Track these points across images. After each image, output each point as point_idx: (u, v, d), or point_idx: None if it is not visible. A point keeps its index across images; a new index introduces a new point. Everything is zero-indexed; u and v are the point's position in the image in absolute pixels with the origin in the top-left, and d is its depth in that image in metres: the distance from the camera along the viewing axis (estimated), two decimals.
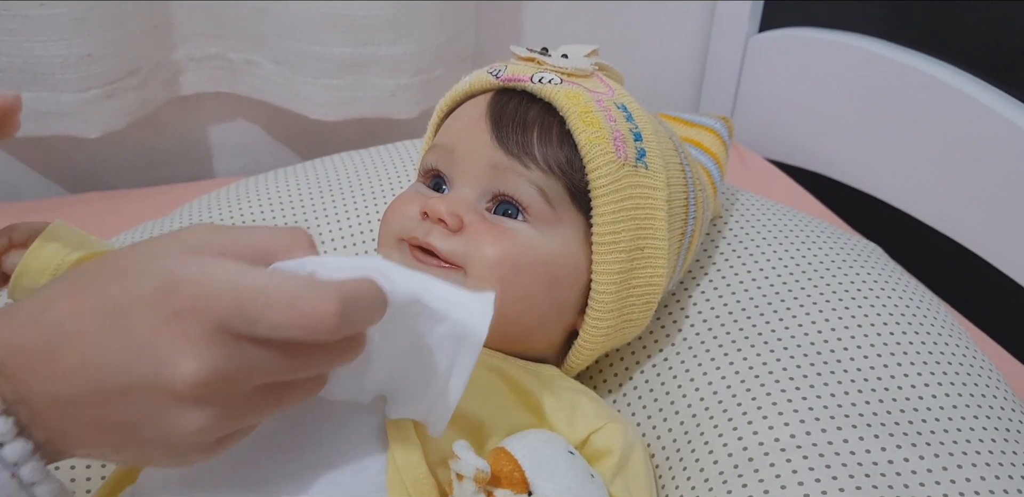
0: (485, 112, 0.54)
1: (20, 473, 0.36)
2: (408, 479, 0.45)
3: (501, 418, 0.49)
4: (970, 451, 0.51)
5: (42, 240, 0.55)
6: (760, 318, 0.60)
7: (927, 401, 0.55)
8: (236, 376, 0.36)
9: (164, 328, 0.36)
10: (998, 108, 0.85)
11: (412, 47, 0.97)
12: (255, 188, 0.80)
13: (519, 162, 0.52)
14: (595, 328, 0.53)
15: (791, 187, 1.05)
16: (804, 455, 0.50)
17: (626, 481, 0.50)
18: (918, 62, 0.93)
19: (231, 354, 0.36)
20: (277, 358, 0.37)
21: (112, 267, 0.39)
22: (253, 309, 0.35)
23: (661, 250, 0.54)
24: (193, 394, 0.36)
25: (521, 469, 0.45)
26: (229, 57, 1.02)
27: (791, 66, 1.10)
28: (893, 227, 1.00)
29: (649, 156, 0.53)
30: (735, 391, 0.55)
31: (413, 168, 0.81)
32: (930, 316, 0.62)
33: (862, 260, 0.66)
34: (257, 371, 0.37)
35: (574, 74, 0.55)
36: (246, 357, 0.36)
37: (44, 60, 0.88)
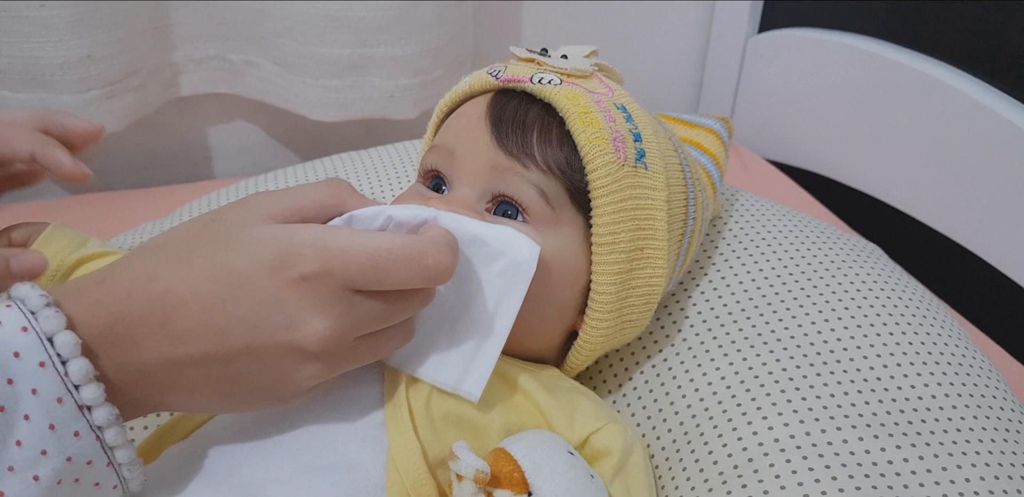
0: (485, 113, 0.54)
1: (104, 436, 0.40)
2: (408, 479, 0.46)
3: (501, 418, 0.49)
4: (970, 451, 0.52)
5: (42, 241, 0.55)
6: (760, 318, 0.60)
7: (927, 401, 0.55)
8: (354, 329, 0.42)
9: (291, 291, 0.40)
10: (997, 108, 0.85)
11: (411, 48, 0.98)
12: (255, 189, 0.80)
13: (519, 163, 0.52)
14: (595, 329, 0.53)
15: (790, 187, 1.05)
16: (804, 455, 0.50)
17: (626, 482, 0.50)
18: (917, 62, 0.93)
19: (351, 309, 0.41)
20: (384, 307, 0.43)
21: (207, 238, 0.42)
22: (385, 267, 0.41)
23: (661, 251, 0.54)
24: (320, 349, 0.41)
25: (521, 469, 0.45)
26: (228, 58, 1.02)
27: (790, 67, 1.10)
28: (892, 227, 1.00)
29: (649, 157, 0.53)
30: (735, 391, 0.55)
31: (413, 169, 0.81)
32: (929, 316, 0.62)
33: (861, 260, 0.66)
34: (369, 322, 0.42)
35: (574, 75, 0.55)
36: (361, 310, 0.42)
37: (44, 61, 0.88)
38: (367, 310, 0.42)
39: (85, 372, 0.39)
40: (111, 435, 0.40)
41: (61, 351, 0.38)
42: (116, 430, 0.40)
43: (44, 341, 0.38)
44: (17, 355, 0.38)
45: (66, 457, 0.39)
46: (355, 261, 0.41)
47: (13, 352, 0.38)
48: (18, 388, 0.38)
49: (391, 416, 0.47)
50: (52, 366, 0.38)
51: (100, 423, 0.39)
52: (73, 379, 0.38)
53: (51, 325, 0.38)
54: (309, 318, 0.40)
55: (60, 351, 0.38)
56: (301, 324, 0.40)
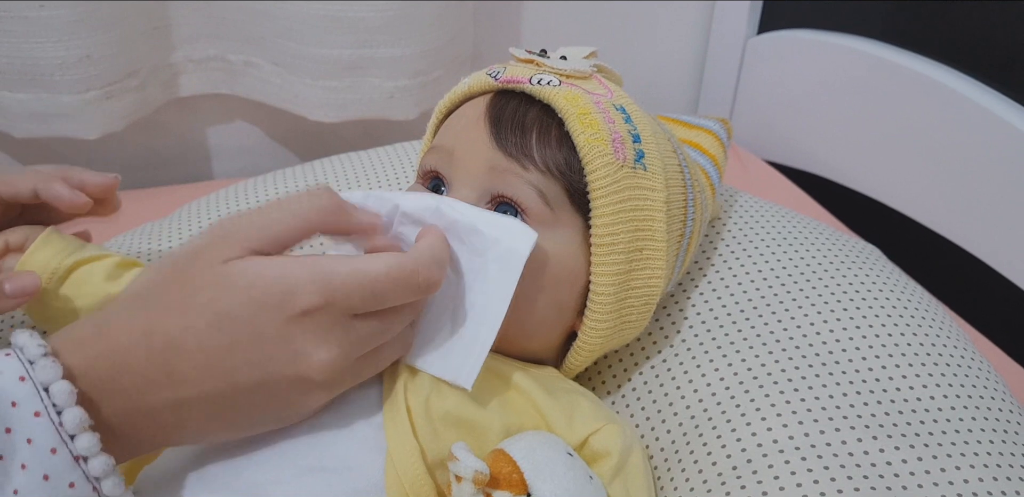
0: (484, 114, 0.54)
1: (101, 487, 0.39)
2: (407, 480, 0.46)
3: (500, 419, 0.49)
4: (968, 453, 0.52)
5: (39, 244, 0.55)
6: (759, 320, 0.60)
7: (925, 402, 0.55)
8: (355, 352, 0.44)
9: (294, 326, 0.42)
10: (996, 110, 0.85)
11: (411, 49, 0.98)
12: (254, 189, 0.80)
13: (518, 163, 0.52)
14: (594, 330, 0.53)
15: (789, 189, 1.05)
16: (802, 457, 0.50)
17: (625, 483, 0.50)
18: (916, 64, 0.94)
19: (350, 333, 0.43)
20: (381, 325, 0.44)
21: (197, 281, 0.42)
22: (383, 290, 0.43)
23: (660, 251, 0.54)
24: (325, 378, 0.43)
25: (520, 470, 0.45)
26: (228, 58, 1.02)
27: (790, 68, 1.10)
28: (891, 229, 1.01)
29: (648, 158, 0.53)
30: (734, 392, 0.55)
31: (412, 169, 0.81)
32: (928, 317, 0.62)
33: (860, 261, 0.66)
34: (369, 341, 0.44)
35: (573, 76, 0.55)
36: (361, 332, 0.43)
37: (43, 61, 0.88)
38: (367, 331, 0.44)
39: (79, 421, 0.38)
40: (108, 486, 0.40)
41: (57, 400, 0.38)
42: (113, 480, 0.40)
43: (40, 391, 0.38)
44: (14, 404, 0.38)
45: None
46: (357, 290, 0.43)
47: (11, 401, 0.38)
48: (15, 437, 0.38)
49: (389, 417, 0.47)
50: (47, 416, 0.38)
51: (96, 474, 0.39)
52: (68, 429, 0.38)
53: (47, 375, 0.39)
54: (313, 350, 0.42)
55: (56, 400, 0.38)
56: (306, 357, 0.42)
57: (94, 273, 0.55)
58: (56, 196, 0.54)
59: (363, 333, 0.44)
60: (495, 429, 0.49)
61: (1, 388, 0.38)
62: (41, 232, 0.56)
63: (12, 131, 0.94)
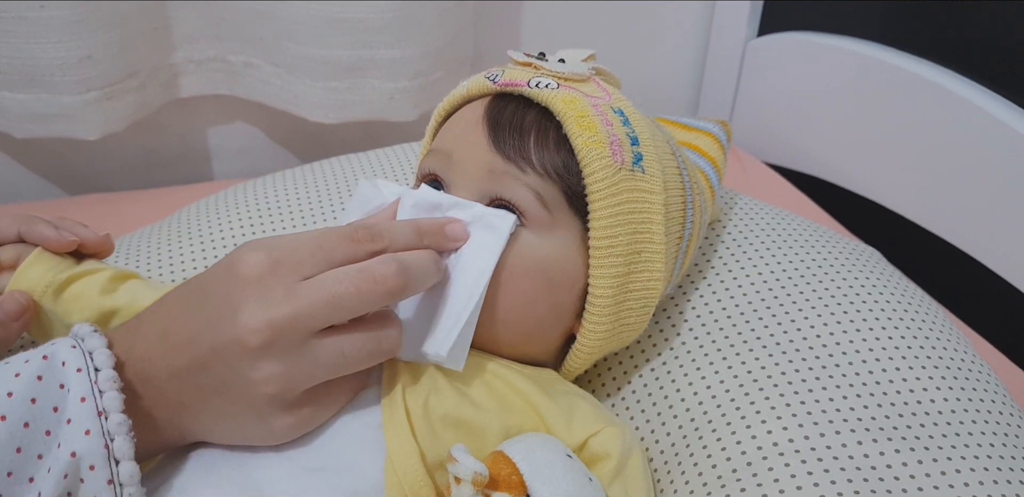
0: (482, 117, 0.54)
1: (113, 446, 0.42)
2: (406, 481, 0.46)
3: (499, 421, 0.49)
4: (969, 455, 0.52)
5: (32, 260, 0.55)
6: (759, 322, 0.60)
7: (926, 406, 0.55)
8: (295, 319, 0.42)
9: (237, 285, 0.43)
10: (997, 113, 0.85)
11: (411, 50, 0.98)
12: (255, 191, 0.80)
13: (516, 166, 0.52)
14: (592, 332, 0.53)
15: (789, 191, 1.05)
16: (803, 460, 0.50)
17: (624, 485, 0.50)
18: (917, 66, 0.94)
19: (290, 297, 0.42)
20: (329, 294, 0.43)
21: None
22: (330, 244, 0.45)
23: (658, 254, 0.54)
24: (259, 342, 0.42)
25: (519, 472, 0.45)
26: (228, 59, 1.02)
27: (790, 70, 1.10)
28: (891, 231, 1.00)
29: (646, 160, 0.54)
30: (733, 395, 0.55)
31: (412, 171, 0.81)
32: (928, 320, 0.62)
33: (860, 264, 0.66)
34: (312, 309, 0.43)
35: (571, 79, 0.55)
36: (302, 298, 0.42)
37: (43, 62, 0.88)
38: (309, 298, 0.43)
39: (109, 377, 0.42)
40: (124, 470, 0.42)
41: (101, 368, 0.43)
42: (127, 441, 0.42)
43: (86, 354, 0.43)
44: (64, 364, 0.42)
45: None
46: (303, 244, 0.44)
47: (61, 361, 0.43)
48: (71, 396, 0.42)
49: (388, 418, 0.47)
50: (86, 372, 0.42)
51: (118, 456, 0.42)
52: (100, 384, 0.42)
53: (101, 360, 0.43)
54: (246, 309, 0.42)
55: (98, 363, 0.43)
56: (240, 316, 0.42)
57: (89, 287, 0.55)
58: (42, 238, 0.55)
59: (305, 299, 0.42)
60: (494, 431, 0.49)
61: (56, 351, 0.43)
62: (31, 250, 0.56)
63: (13, 131, 0.94)
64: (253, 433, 0.45)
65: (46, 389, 0.41)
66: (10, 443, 0.39)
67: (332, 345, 0.44)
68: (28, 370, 0.41)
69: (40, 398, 0.41)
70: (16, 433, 0.40)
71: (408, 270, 0.45)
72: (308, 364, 0.43)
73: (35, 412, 0.40)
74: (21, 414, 0.40)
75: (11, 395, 0.40)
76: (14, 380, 0.41)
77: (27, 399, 0.40)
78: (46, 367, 0.42)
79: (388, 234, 0.47)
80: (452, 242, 0.50)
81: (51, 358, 0.42)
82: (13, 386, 0.41)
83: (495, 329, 0.52)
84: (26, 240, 0.56)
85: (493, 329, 0.52)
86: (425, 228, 0.49)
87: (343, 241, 0.45)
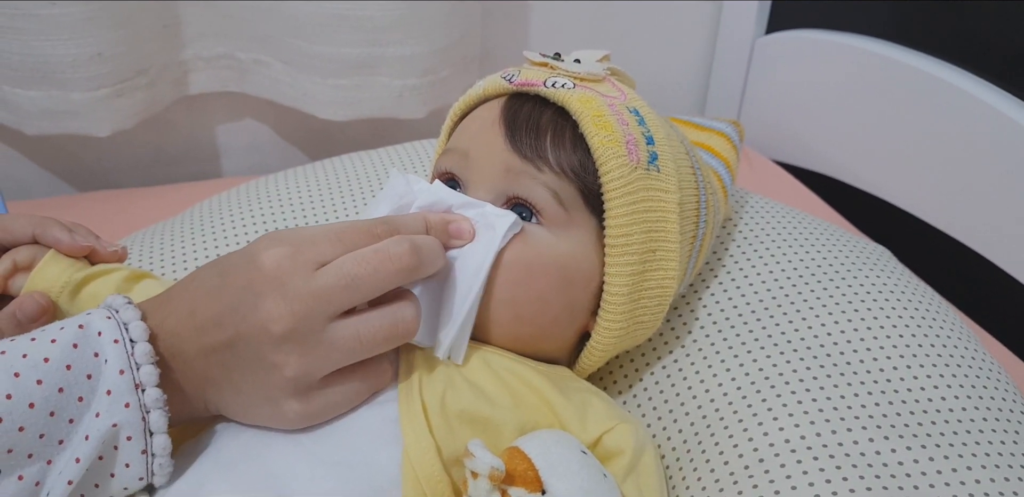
0: (499, 116, 0.54)
1: (149, 418, 0.43)
2: (423, 476, 0.46)
3: (514, 418, 0.50)
4: (980, 453, 0.52)
5: (48, 260, 0.55)
6: (770, 320, 0.61)
7: (937, 403, 0.55)
8: (315, 305, 0.44)
9: (259, 273, 0.44)
10: (1007, 111, 0.85)
11: (419, 48, 0.98)
12: (264, 188, 0.80)
13: (533, 165, 0.52)
14: (607, 330, 0.54)
15: (798, 189, 1.06)
16: (815, 456, 0.51)
17: (638, 481, 0.50)
18: (926, 64, 0.94)
19: (309, 284, 0.44)
20: (345, 279, 0.44)
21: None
22: (348, 235, 0.46)
23: (673, 252, 0.54)
24: (282, 330, 0.43)
25: (535, 468, 0.45)
26: (237, 57, 1.02)
27: (798, 68, 1.10)
28: (900, 229, 1.01)
29: (661, 159, 0.54)
30: (745, 393, 0.56)
31: (421, 168, 0.81)
32: (939, 319, 0.62)
33: (871, 263, 0.67)
34: (331, 294, 0.44)
35: (587, 79, 0.55)
36: (320, 283, 0.44)
37: (54, 59, 0.88)
38: (327, 282, 0.44)
39: (145, 352, 0.44)
40: (154, 418, 0.44)
41: (135, 336, 0.44)
42: (159, 414, 0.44)
43: (122, 326, 0.44)
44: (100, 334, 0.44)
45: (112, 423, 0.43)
46: (322, 234, 0.46)
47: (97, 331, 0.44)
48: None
49: (405, 413, 0.48)
50: (123, 344, 0.44)
51: (149, 405, 0.44)
52: (136, 358, 0.44)
53: (137, 332, 0.45)
54: (269, 299, 0.44)
55: (134, 335, 0.45)
56: (263, 305, 0.44)
57: (104, 287, 0.55)
58: (55, 241, 0.55)
59: (322, 285, 0.44)
60: (509, 427, 0.50)
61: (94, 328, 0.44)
62: (46, 252, 0.56)
63: (24, 128, 0.95)
64: (262, 413, 0.47)
65: (81, 356, 0.43)
66: (45, 407, 0.41)
67: (349, 328, 0.45)
68: (64, 337, 0.43)
69: (75, 365, 0.42)
70: (51, 397, 0.41)
71: (420, 249, 0.46)
72: (325, 348, 0.45)
73: (69, 378, 0.42)
74: (56, 379, 0.42)
75: (47, 361, 0.42)
76: (51, 346, 0.42)
77: (63, 365, 0.42)
78: (82, 336, 0.43)
79: (405, 230, 0.48)
80: (455, 239, 0.51)
81: (87, 327, 0.44)
82: (51, 352, 0.42)
83: (511, 326, 0.52)
84: (40, 242, 0.56)
85: (509, 326, 0.52)
86: (432, 223, 0.50)
87: (362, 234, 0.47)
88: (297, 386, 0.45)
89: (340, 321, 0.45)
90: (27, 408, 0.41)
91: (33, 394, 0.41)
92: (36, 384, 0.41)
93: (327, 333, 0.44)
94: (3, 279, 0.55)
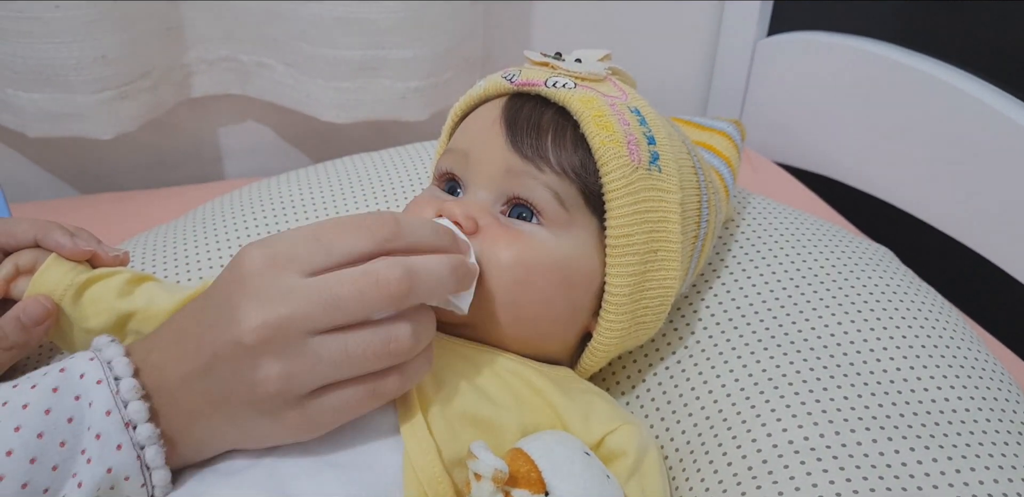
0: (500, 116, 0.54)
1: (144, 455, 0.43)
2: (424, 478, 0.46)
3: (516, 419, 0.50)
4: (983, 454, 0.52)
5: (50, 263, 0.55)
6: (773, 321, 0.61)
7: (940, 404, 0.55)
8: (293, 316, 0.41)
9: (237, 287, 0.42)
10: (1010, 113, 0.85)
11: (422, 50, 0.98)
12: (267, 190, 0.80)
13: (533, 166, 0.52)
14: (609, 330, 0.54)
15: (800, 191, 1.05)
16: (818, 458, 0.51)
17: (641, 482, 0.50)
18: (928, 66, 0.94)
19: (289, 296, 0.41)
20: (327, 292, 0.42)
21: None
22: (329, 237, 0.44)
23: (674, 253, 0.54)
24: (256, 340, 0.41)
25: (538, 469, 0.45)
26: (240, 59, 1.02)
27: (800, 70, 1.10)
28: (902, 231, 1.01)
29: (662, 159, 0.54)
30: (748, 394, 0.56)
31: (424, 170, 0.81)
32: (942, 320, 0.62)
33: (873, 264, 0.66)
34: (310, 306, 0.41)
35: (588, 78, 0.55)
36: (300, 296, 0.41)
37: (58, 62, 0.89)
38: (308, 298, 0.41)
39: (133, 387, 0.43)
40: (150, 454, 0.43)
41: (121, 380, 0.43)
42: (155, 449, 0.43)
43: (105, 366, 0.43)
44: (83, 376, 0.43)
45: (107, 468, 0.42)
46: (301, 239, 0.43)
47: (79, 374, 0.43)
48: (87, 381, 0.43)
49: (404, 416, 0.48)
50: (107, 383, 0.43)
51: (141, 441, 0.43)
52: (123, 395, 0.43)
53: (120, 368, 0.44)
54: (243, 307, 0.41)
55: (118, 372, 0.44)
56: (237, 315, 0.41)
57: (106, 290, 0.55)
58: (57, 245, 0.55)
59: (303, 296, 0.41)
60: (512, 429, 0.49)
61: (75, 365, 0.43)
62: (48, 255, 0.56)
63: (26, 131, 0.95)
64: (267, 433, 0.45)
65: (60, 401, 0.41)
66: (24, 454, 0.40)
67: (335, 342, 0.42)
68: (45, 382, 0.42)
69: (55, 410, 0.41)
70: (30, 444, 0.40)
71: (415, 275, 0.42)
72: (310, 361, 0.42)
73: (48, 423, 0.41)
74: (36, 425, 0.41)
75: (26, 407, 0.41)
76: (30, 392, 0.42)
77: (41, 410, 0.41)
78: (63, 379, 0.42)
79: (410, 233, 0.45)
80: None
81: (68, 370, 0.43)
82: (30, 397, 0.41)
83: (512, 327, 0.52)
84: (42, 246, 0.56)
85: (510, 327, 0.52)
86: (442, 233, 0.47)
87: (348, 232, 0.44)
88: (288, 400, 0.43)
89: (327, 335, 0.42)
90: (4, 456, 0.40)
91: (11, 441, 0.40)
92: (13, 431, 0.40)
93: (310, 346, 0.41)
94: (5, 283, 0.55)
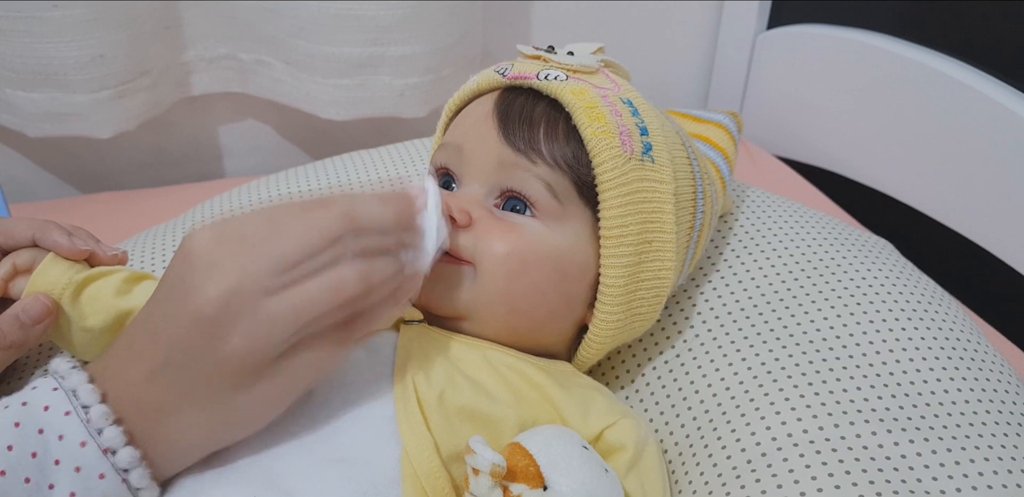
0: (492, 110, 0.54)
1: (129, 479, 0.42)
2: (422, 473, 0.46)
3: (514, 414, 0.50)
4: (982, 445, 0.51)
5: (48, 262, 0.55)
6: (771, 314, 0.60)
7: (939, 396, 0.55)
8: (250, 278, 0.41)
9: (185, 264, 0.42)
10: (1009, 104, 0.85)
11: (421, 47, 0.98)
12: (266, 188, 0.80)
13: (526, 158, 0.52)
14: (604, 322, 0.54)
15: (800, 184, 1.05)
16: (816, 450, 0.50)
17: (640, 476, 0.50)
18: (928, 59, 0.93)
19: (240, 260, 0.41)
20: (279, 246, 0.41)
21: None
22: (281, 211, 0.43)
23: (669, 243, 0.54)
24: (217, 309, 0.40)
25: (536, 464, 0.45)
26: (239, 57, 1.02)
27: (800, 63, 1.10)
28: (902, 223, 1.00)
29: (655, 150, 0.54)
30: (747, 386, 0.55)
31: (423, 167, 0.81)
32: (941, 312, 0.62)
33: (873, 256, 0.66)
34: (266, 262, 0.41)
35: (580, 71, 0.55)
36: (250, 257, 0.41)
37: (57, 61, 0.89)
38: (255, 257, 0.41)
39: (103, 414, 0.42)
40: (135, 477, 0.43)
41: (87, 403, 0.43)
42: (140, 472, 0.43)
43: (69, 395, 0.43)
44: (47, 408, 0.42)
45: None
46: (252, 220, 0.43)
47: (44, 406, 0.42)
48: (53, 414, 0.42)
49: (401, 411, 0.48)
50: (75, 413, 0.42)
51: (124, 465, 0.42)
52: (92, 420, 0.42)
53: (85, 396, 0.43)
54: (199, 284, 0.41)
55: (84, 400, 0.43)
56: (194, 291, 0.41)
57: (104, 289, 0.55)
58: (55, 244, 0.55)
59: (253, 258, 0.41)
60: (510, 423, 0.49)
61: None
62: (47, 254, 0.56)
63: (26, 130, 0.95)
64: (248, 411, 0.44)
65: (22, 435, 0.41)
66: None
67: (288, 298, 0.41)
68: (5, 417, 0.41)
69: (17, 445, 0.40)
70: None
71: (354, 219, 0.43)
72: (270, 320, 0.41)
73: (11, 459, 0.40)
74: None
75: None
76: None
77: (3, 446, 0.40)
78: (25, 413, 0.41)
79: (366, 221, 0.44)
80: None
81: (30, 404, 0.42)
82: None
83: (508, 320, 0.52)
84: (40, 245, 0.56)
85: (505, 320, 0.52)
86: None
87: (292, 211, 0.43)
88: (257, 367, 0.42)
89: (281, 293, 0.41)
90: None
91: None
92: None
93: (267, 306, 0.41)
94: (3, 282, 0.55)
